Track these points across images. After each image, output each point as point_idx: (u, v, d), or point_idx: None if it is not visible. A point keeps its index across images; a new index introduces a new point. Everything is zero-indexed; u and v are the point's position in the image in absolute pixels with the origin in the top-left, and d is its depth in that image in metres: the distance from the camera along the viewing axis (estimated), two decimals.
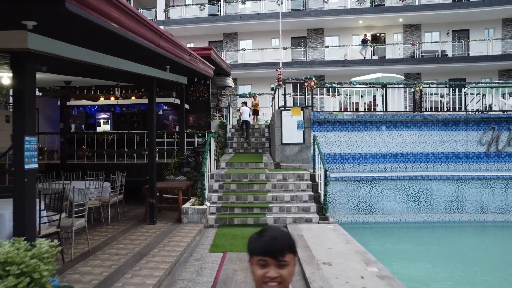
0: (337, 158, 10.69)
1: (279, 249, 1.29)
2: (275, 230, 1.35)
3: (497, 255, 7.17)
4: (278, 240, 1.31)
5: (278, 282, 1.27)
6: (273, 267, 1.28)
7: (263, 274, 1.28)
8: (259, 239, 1.32)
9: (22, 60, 3.45)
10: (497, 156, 10.66)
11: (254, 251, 1.32)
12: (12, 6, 2.73)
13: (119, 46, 4.52)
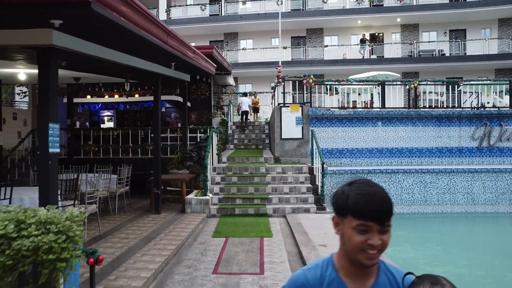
0: (335, 153, 11.08)
1: (388, 211, 1.07)
2: (376, 187, 1.10)
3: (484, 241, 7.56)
4: (386, 200, 1.08)
5: (379, 250, 1.07)
6: (376, 233, 1.06)
7: (363, 241, 1.07)
8: (361, 198, 1.07)
9: (46, 55, 3.85)
10: (489, 151, 11.04)
11: (354, 212, 1.08)
12: (45, 9, 3.12)
13: (132, 43, 4.92)
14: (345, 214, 1.12)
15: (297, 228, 6.76)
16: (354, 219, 1.08)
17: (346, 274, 1.16)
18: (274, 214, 8.27)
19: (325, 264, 1.22)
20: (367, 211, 1.06)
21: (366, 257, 1.08)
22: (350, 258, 1.12)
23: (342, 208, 1.13)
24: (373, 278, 1.16)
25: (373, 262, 1.10)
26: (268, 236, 6.54)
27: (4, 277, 2.42)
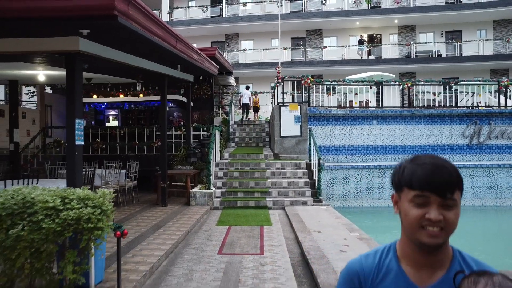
0: (332, 150, 11.61)
1: (448, 182, 0.95)
2: (439, 158, 1.00)
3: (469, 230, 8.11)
4: (447, 169, 0.97)
5: (441, 228, 0.95)
6: (435, 206, 0.95)
7: (421, 215, 0.96)
8: (417, 167, 0.98)
9: (73, 60, 4.40)
10: (479, 148, 11.57)
11: (409, 182, 0.98)
12: (77, 21, 3.67)
13: (146, 48, 5.46)
14: (401, 187, 1.01)
15: (295, 218, 7.31)
16: (410, 190, 0.97)
17: (408, 264, 1.02)
18: (274, 206, 8.82)
19: (386, 251, 1.09)
20: (424, 180, 0.95)
21: (426, 234, 0.95)
22: (411, 241, 0.99)
23: (398, 181, 1.02)
24: (443, 270, 1.00)
25: (436, 241, 0.95)
26: (267, 225, 7.09)
27: (54, 241, 2.97)
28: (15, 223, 2.92)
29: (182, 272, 4.48)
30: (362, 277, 1.06)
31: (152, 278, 4.30)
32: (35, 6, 3.46)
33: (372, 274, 1.06)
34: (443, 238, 0.96)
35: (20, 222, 2.91)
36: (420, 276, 1.01)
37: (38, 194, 3.06)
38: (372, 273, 1.06)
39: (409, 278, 1.02)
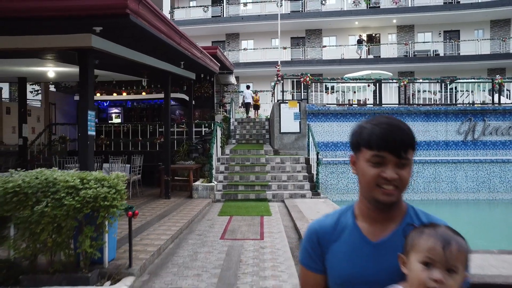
0: (330, 146, 11.92)
1: (403, 142, 0.99)
2: (394, 119, 1.03)
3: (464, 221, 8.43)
4: (402, 130, 1.00)
5: (395, 186, 0.99)
6: (391, 166, 0.99)
7: (377, 174, 0.99)
8: (374, 128, 1.01)
9: (86, 55, 4.72)
10: (473, 144, 11.87)
11: (367, 142, 1.01)
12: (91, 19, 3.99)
13: (152, 45, 5.78)
14: (359, 147, 1.04)
15: (294, 209, 7.62)
16: (367, 150, 1.01)
17: (364, 220, 1.07)
18: (273, 199, 9.14)
19: (345, 211, 1.14)
20: (380, 140, 0.98)
21: (381, 192, 0.99)
22: (367, 199, 1.04)
23: (356, 141, 1.06)
24: (395, 224, 1.04)
25: (390, 199, 0.99)
26: (267, 215, 7.41)
27: (74, 217, 3.29)
28: (40, 200, 3.24)
29: (187, 254, 4.80)
30: (321, 235, 1.10)
31: (159, 258, 4.62)
32: (55, 6, 3.77)
33: (330, 232, 1.10)
34: (397, 195, 1.00)
35: (44, 200, 3.23)
36: (374, 230, 1.05)
37: (59, 174, 3.38)
38: (329, 231, 1.10)
39: (362, 233, 1.06)
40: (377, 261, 1.03)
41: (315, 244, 1.11)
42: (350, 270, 1.04)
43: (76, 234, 3.55)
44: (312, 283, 1.13)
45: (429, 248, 0.93)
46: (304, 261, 1.14)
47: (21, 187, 3.21)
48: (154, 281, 3.80)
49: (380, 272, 1.01)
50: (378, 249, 1.03)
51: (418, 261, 0.93)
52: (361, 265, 1.04)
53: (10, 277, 3.53)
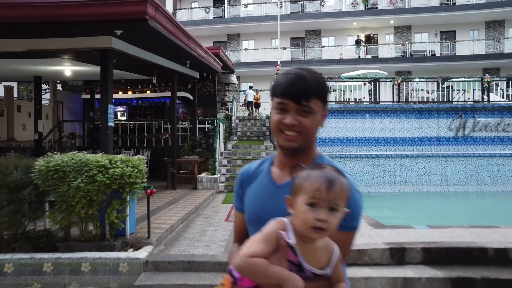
0: (328, 142, 12.51)
1: (304, 90, 1.04)
2: (304, 69, 1.09)
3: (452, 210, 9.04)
4: (306, 80, 1.05)
5: (297, 132, 1.05)
6: (292, 112, 1.05)
7: (279, 120, 1.06)
8: (282, 77, 1.08)
9: (106, 55, 5.32)
10: (464, 140, 12.44)
11: (274, 90, 1.09)
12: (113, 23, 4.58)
13: (162, 45, 6.38)
14: (272, 95, 1.12)
15: None
16: (275, 98, 1.09)
17: (277, 165, 1.16)
18: None
19: (268, 158, 1.25)
20: (282, 88, 1.05)
21: (283, 138, 1.07)
22: (278, 142, 1.12)
23: (271, 90, 1.13)
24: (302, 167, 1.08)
25: (290, 145, 1.07)
26: None
27: (104, 191, 3.90)
28: (75, 177, 3.84)
29: (196, 231, 5.40)
30: (243, 178, 1.23)
31: (172, 234, 5.23)
32: (85, 12, 4.36)
33: (250, 175, 1.21)
34: (299, 142, 1.06)
35: (79, 177, 3.83)
36: (282, 175, 1.13)
37: (90, 156, 3.99)
38: (250, 175, 1.21)
39: (272, 176, 1.15)
40: (278, 201, 1.08)
41: (239, 187, 1.24)
42: (256, 208, 1.14)
43: (103, 208, 4.15)
44: (238, 222, 1.25)
45: (314, 190, 0.96)
46: (234, 202, 1.28)
47: (60, 166, 3.82)
48: (169, 250, 4.40)
49: (279, 212, 1.04)
50: (281, 191, 1.09)
51: (304, 203, 0.97)
52: (265, 204, 1.12)
53: (48, 244, 4.14)
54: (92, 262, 3.94)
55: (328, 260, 1.01)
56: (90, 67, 7.19)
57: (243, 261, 0.98)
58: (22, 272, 3.92)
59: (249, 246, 0.99)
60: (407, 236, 4.34)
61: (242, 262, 0.98)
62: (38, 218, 4.25)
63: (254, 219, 1.15)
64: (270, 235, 0.99)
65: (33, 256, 3.97)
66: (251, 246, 0.99)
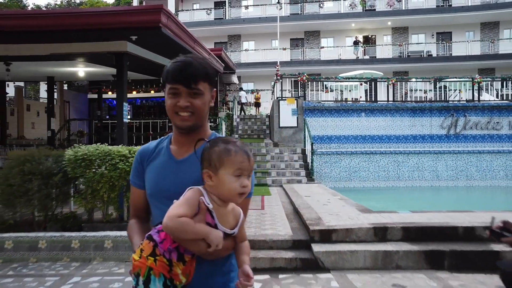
0: (325, 139, 13.07)
1: (191, 75, 1.17)
2: (190, 57, 1.22)
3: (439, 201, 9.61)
4: (192, 66, 1.18)
5: (190, 112, 1.19)
6: (184, 95, 1.18)
7: (174, 104, 1.19)
8: (172, 66, 1.20)
9: (122, 58, 5.89)
10: (455, 138, 13.01)
11: (166, 78, 1.21)
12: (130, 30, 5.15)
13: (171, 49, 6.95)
14: (164, 83, 1.22)
15: (290, 190, 8.79)
16: (167, 84, 1.20)
17: (174, 144, 1.29)
18: (273, 184, 10.31)
19: (164, 138, 1.36)
20: (172, 75, 1.17)
21: (179, 119, 1.20)
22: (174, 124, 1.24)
23: (162, 78, 1.23)
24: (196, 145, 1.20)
25: (187, 124, 1.20)
26: (267, 195, 8.58)
27: (124, 178, 4.47)
28: (100, 165, 4.41)
29: None
30: (143, 156, 1.34)
31: None
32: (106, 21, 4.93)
33: (149, 154, 1.32)
34: (192, 121, 1.20)
35: (103, 165, 4.40)
36: (180, 151, 1.26)
37: (112, 147, 4.57)
38: (149, 153, 1.33)
39: (171, 153, 1.27)
40: (178, 175, 1.23)
41: (139, 164, 1.34)
42: (158, 182, 1.26)
43: (122, 194, 4.73)
44: (135, 197, 1.36)
45: (239, 162, 1.11)
46: (132, 179, 1.37)
47: (87, 155, 4.39)
48: None
49: (179, 184, 1.18)
50: (180, 165, 1.25)
51: (230, 174, 1.10)
52: (166, 178, 1.24)
53: (74, 225, 4.72)
54: (114, 239, 4.52)
55: (236, 222, 1.16)
56: (100, 68, 7.76)
57: (173, 221, 1.06)
58: (54, 248, 4.50)
59: (175, 209, 1.09)
60: (390, 218, 4.91)
61: (171, 222, 1.06)
62: (66, 202, 4.82)
63: (157, 192, 1.25)
64: (192, 200, 1.10)
65: (62, 234, 4.55)
66: (177, 209, 1.08)
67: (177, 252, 1.10)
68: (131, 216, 1.38)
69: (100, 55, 6.12)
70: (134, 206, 1.37)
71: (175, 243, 1.10)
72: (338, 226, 4.58)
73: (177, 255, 1.10)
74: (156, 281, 1.08)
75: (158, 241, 1.10)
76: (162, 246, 1.10)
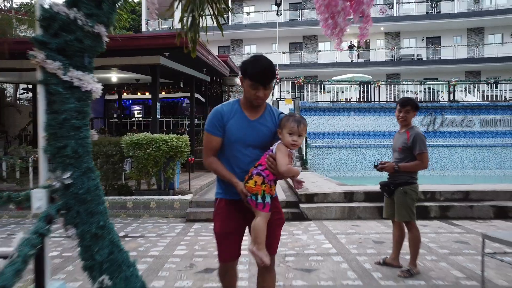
0: (319, 135, 14.81)
1: (268, 78, 1.88)
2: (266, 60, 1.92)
3: None
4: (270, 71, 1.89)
5: (262, 98, 1.95)
6: (261, 89, 1.90)
7: (254, 94, 1.91)
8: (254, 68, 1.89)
9: (155, 69, 7.64)
10: (434, 134, 14.74)
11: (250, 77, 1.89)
12: (164, 49, 6.89)
13: (191, 60, 8.70)
14: (245, 77, 1.92)
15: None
16: (249, 81, 1.90)
17: (245, 109, 2.03)
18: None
19: (235, 102, 2.09)
20: (256, 78, 1.87)
21: (256, 101, 1.96)
22: (249, 101, 1.99)
23: (244, 73, 1.92)
24: (261, 112, 2.05)
25: (260, 103, 1.98)
26: None
27: (165, 156, 6.22)
28: (147, 147, 6.16)
29: None
30: (223, 114, 2.02)
31: (202, 191, 7.57)
32: (149, 43, 6.65)
33: (228, 113, 2.02)
34: (262, 102, 2.00)
35: (150, 147, 6.15)
36: (251, 114, 2.02)
37: (155, 135, 6.32)
38: (228, 113, 2.02)
39: (245, 114, 2.01)
40: (252, 130, 2.00)
41: (220, 120, 2.02)
42: (240, 133, 2.00)
43: (161, 169, 6.48)
44: (215, 143, 2.04)
45: (291, 126, 1.94)
46: (210, 130, 2.06)
47: (139, 140, 6.15)
48: (204, 196, 6.73)
49: (254, 137, 2.00)
50: (253, 124, 2.02)
51: (286, 133, 1.94)
52: (244, 132, 1.99)
53: (127, 192, 6.48)
54: (157, 201, 6.27)
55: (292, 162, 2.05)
56: (132, 74, 9.50)
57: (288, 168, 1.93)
58: (114, 207, 6.25)
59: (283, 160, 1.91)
60: (358, 188, 6.67)
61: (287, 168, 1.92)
62: (120, 176, 6.58)
63: (239, 140, 1.99)
64: (285, 151, 1.93)
65: (120, 197, 6.31)
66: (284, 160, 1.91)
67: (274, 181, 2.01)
68: (209, 156, 2.10)
69: (137, 66, 7.81)
70: (212, 149, 2.08)
71: (274, 176, 1.96)
72: (319, 192, 6.34)
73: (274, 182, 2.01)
74: (267, 196, 1.97)
75: (265, 176, 1.95)
76: (268, 179, 1.95)
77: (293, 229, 5.36)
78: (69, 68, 2.05)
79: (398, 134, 3.82)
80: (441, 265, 3.73)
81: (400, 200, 3.56)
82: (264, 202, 1.95)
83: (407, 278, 3.33)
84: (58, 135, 2.05)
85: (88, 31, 2.07)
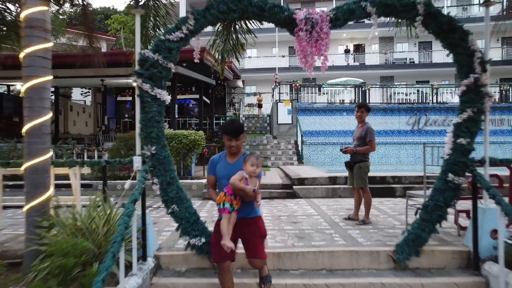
0: (314, 134, 16.34)
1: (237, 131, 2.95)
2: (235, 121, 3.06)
3: None
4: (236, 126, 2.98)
5: (235, 147, 2.99)
6: (234, 140, 2.96)
7: (229, 144, 2.97)
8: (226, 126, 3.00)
9: (174, 77, 9.16)
10: (418, 133, 16.28)
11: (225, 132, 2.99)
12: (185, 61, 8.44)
13: (202, 68, 10.22)
14: (223, 133, 3.03)
15: (284, 167, 12.08)
16: (225, 135, 3.01)
17: (227, 156, 3.10)
18: (272, 166, 13.59)
19: (223, 153, 3.20)
20: (228, 132, 2.98)
21: (231, 150, 3.03)
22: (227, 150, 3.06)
23: (223, 131, 3.04)
24: (238, 157, 3.06)
25: (234, 151, 3.04)
26: (267, 171, 11.86)
27: (185, 148, 7.75)
28: (170, 141, 7.69)
29: None
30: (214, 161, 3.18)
31: None
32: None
33: (217, 160, 3.17)
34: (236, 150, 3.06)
35: (173, 141, 7.67)
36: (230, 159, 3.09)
37: (177, 131, 7.85)
38: (217, 159, 3.18)
39: (227, 160, 3.11)
40: (231, 169, 2.98)
41: (213, 164, 3.18)
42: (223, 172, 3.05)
43: (182, 158, 8.01)
44: (211, 180, 3.19)
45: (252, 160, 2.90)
46: (209, 172, 3.21)
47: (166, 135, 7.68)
48: None
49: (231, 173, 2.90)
50: (231, 165, 3.05)
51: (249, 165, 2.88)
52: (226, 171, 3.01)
53: None
54: None
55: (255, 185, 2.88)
56: None
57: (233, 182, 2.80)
58: None
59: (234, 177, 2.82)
60: (340, 174, 8.21)
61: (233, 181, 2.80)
62: None
63: (223, 176, 3.02)
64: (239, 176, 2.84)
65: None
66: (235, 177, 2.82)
67: (234, 195, 2.85)
68: (208, 188, 3.25)
69: None
70: (210, 183, 3.21)
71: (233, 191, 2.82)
72: (309, 177, 7.88)
73: (234, 196, 2.85)
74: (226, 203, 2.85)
75: (226, 191, 2.88)
76: (228, 192, 2.86)
77: (287, 203, 6.90)
78: (154, 87, 3.63)
79: (357, 128, 5.32)
80: (388, 220, 5.27)
81: (357, 172, 5.09)
82: (224, 207, 2.91)
83: (361, 225, 4.87)
84: (148, 126, 3.62)
85: (165, 66, 3.65)
